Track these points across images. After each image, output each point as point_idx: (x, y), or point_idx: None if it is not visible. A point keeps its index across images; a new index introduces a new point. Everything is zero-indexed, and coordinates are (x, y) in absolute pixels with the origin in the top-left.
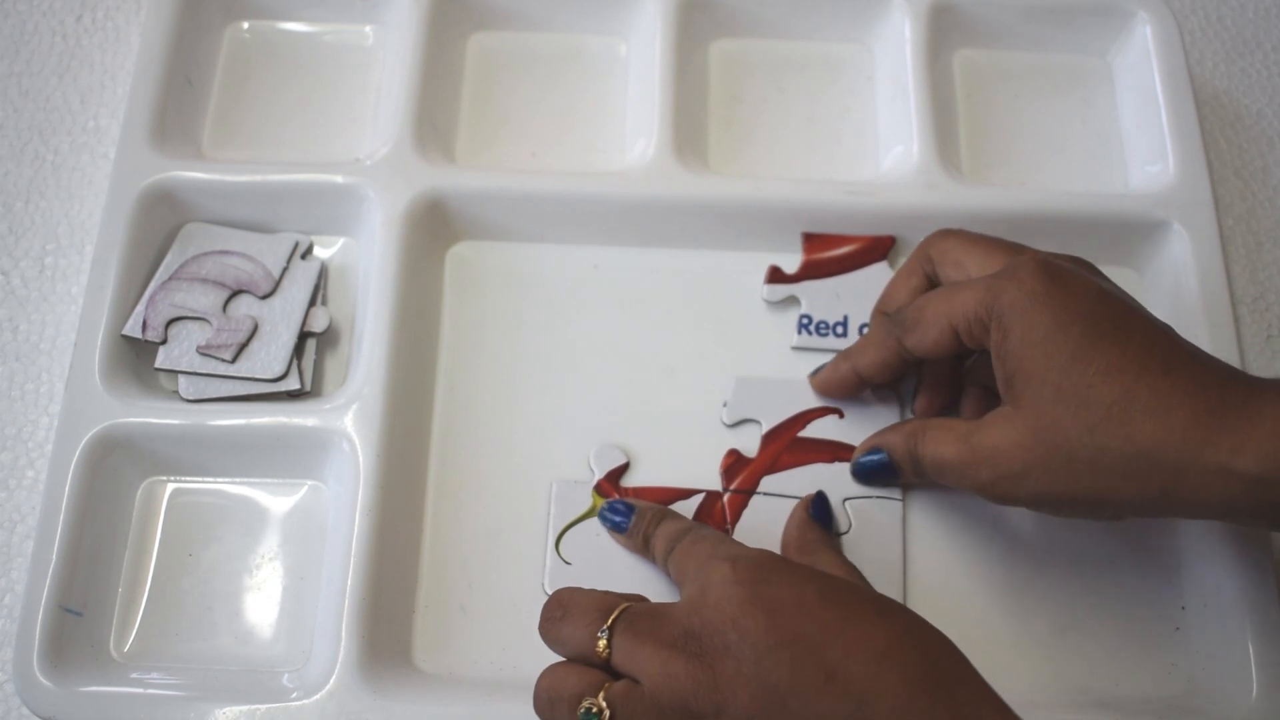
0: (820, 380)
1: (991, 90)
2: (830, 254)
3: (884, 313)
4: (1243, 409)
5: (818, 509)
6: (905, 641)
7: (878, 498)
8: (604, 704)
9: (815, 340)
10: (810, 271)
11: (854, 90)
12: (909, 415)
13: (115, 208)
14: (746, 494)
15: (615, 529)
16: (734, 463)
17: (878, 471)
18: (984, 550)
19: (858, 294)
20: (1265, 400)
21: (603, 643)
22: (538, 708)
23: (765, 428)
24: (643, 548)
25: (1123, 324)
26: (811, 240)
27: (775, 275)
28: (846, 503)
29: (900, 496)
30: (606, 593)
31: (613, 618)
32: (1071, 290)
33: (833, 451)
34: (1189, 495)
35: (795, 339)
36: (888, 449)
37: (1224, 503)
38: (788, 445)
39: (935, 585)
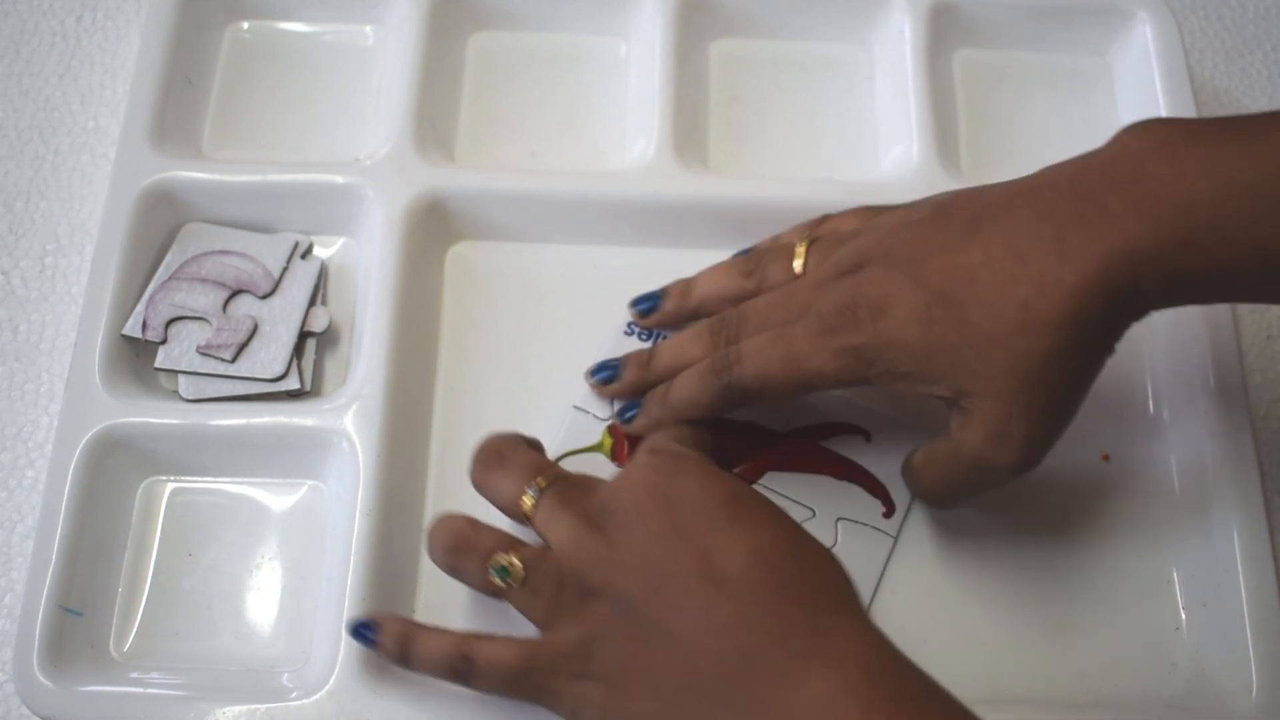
0: (643, 420)
1: (991, 90)
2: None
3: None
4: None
5: None
6: (789, 550)
7: (872, 528)
8: (518, 562)
9: None
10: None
11: (854, 90)
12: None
13: (115, 208)
14: (748, 482)
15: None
16: (746, 449)
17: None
18: (983, 550)
19: None
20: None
21: (530, 500)
22: (436, 552)
23: (787, 426)
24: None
25: (956, 270)
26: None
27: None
28: (839, 522)
29: (895, 534)
30: (543, 456)
31: (547, 479)
32: (904, 301)
33: (847, 470)
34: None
35: None
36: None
37: None
38: (805, 449)
39: (934, 585)
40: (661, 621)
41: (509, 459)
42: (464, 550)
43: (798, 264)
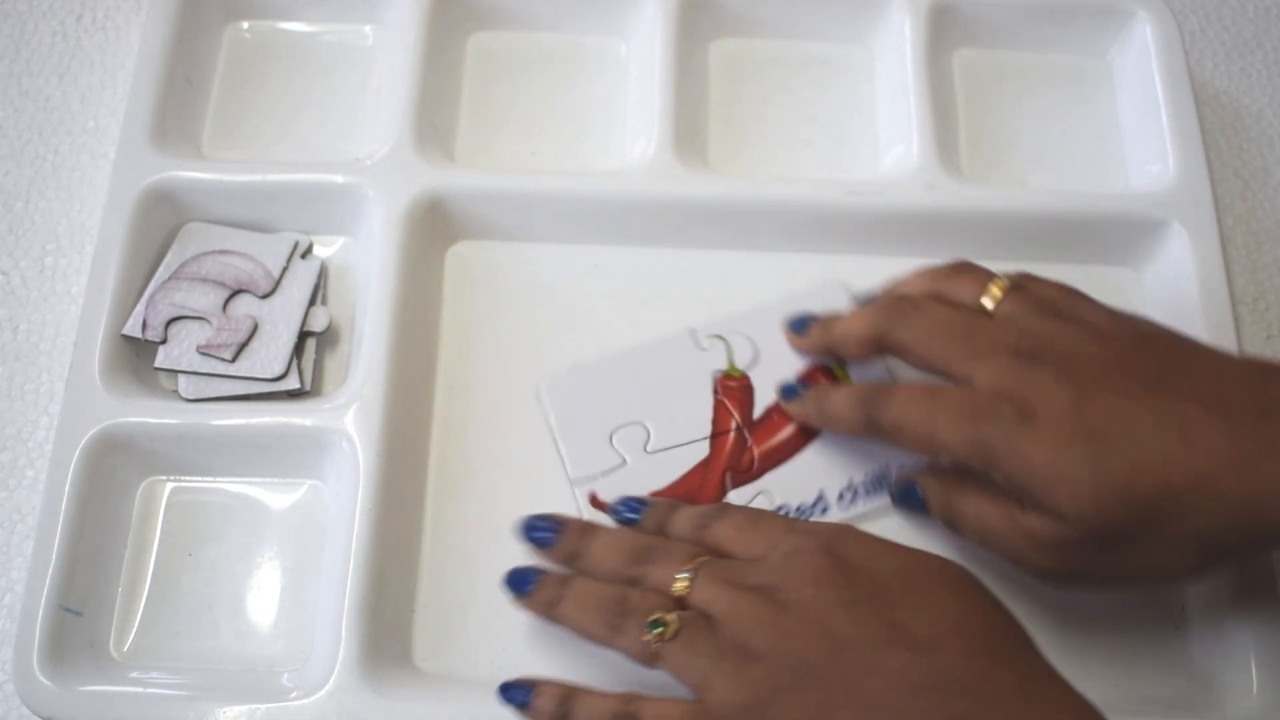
0: (797, 407)
1: (991, 90)
2: (779, 438)
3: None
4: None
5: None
6: (974, 613)
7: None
8: (673, 619)
9: None
10: (768, 462)
11: (854, 90)
12: None
13: (115, 208)
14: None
15: (625, 523)
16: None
17: (910, 503)
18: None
19: (825, 464)
20: None
21: (683, 582)
22: (582, 614)
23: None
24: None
25: (1120, 419)
26: (757, 431)
27: (736, 478)
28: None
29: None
30: (689, 543)
31: (699, 562)
32: (1054, 420)
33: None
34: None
35: None
36: (924, 488)
37: None
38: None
39: None
40: (849, 684)
41: (662, 552)
42: (627, 611)
43: (988, 301)
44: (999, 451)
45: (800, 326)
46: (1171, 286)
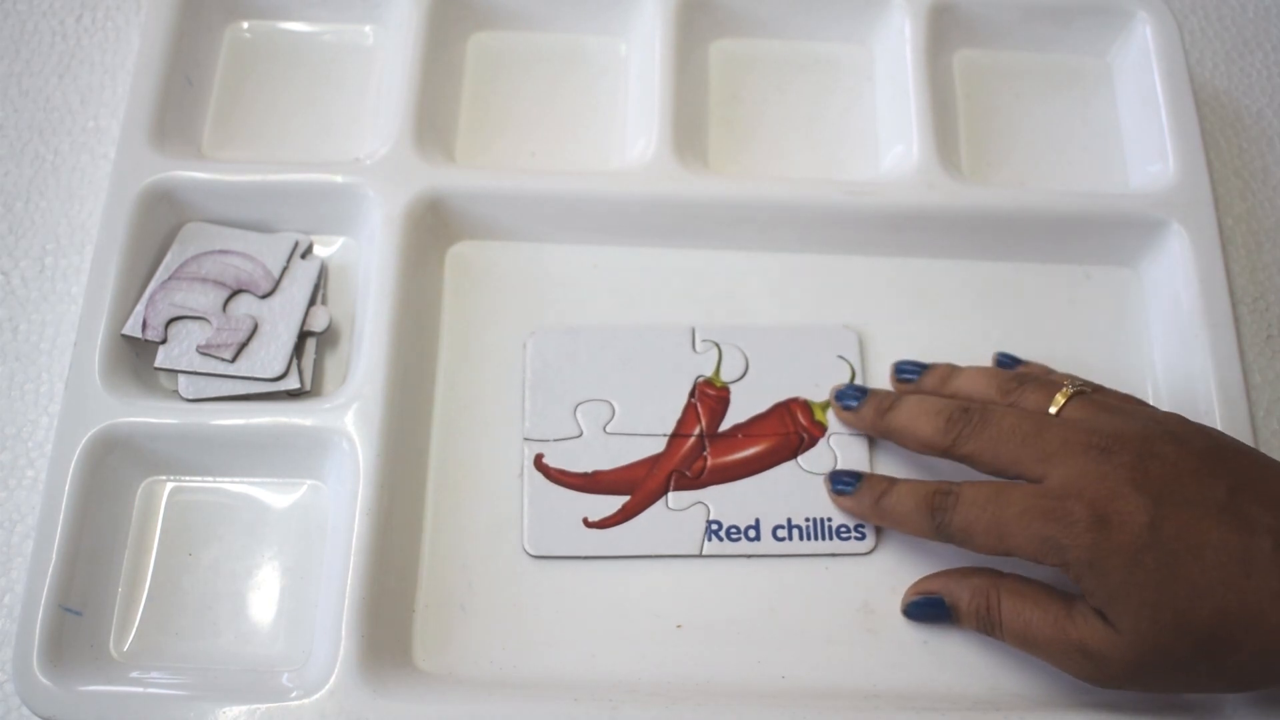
0: (851, 503)
1: (991, 90)
2: (736, 456)
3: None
4: None
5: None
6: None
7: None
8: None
9: (726, 546)
10: (716, 476)
11: (854, 90)
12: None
13: (115, 208)
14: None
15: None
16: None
17: (933, 615)
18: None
19: (768, 496)
20: None
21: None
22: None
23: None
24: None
25: (1190, 538)
26: (717, 443)
27: (680, 481)
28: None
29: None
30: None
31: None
32: (1129, 530)
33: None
34: None
35: (705, 545)
36: (950, 599)
37: None
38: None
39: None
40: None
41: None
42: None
43: (1053, 409)
44: (1072, 554)
45: (852, 400)
46: (1171, 286)
